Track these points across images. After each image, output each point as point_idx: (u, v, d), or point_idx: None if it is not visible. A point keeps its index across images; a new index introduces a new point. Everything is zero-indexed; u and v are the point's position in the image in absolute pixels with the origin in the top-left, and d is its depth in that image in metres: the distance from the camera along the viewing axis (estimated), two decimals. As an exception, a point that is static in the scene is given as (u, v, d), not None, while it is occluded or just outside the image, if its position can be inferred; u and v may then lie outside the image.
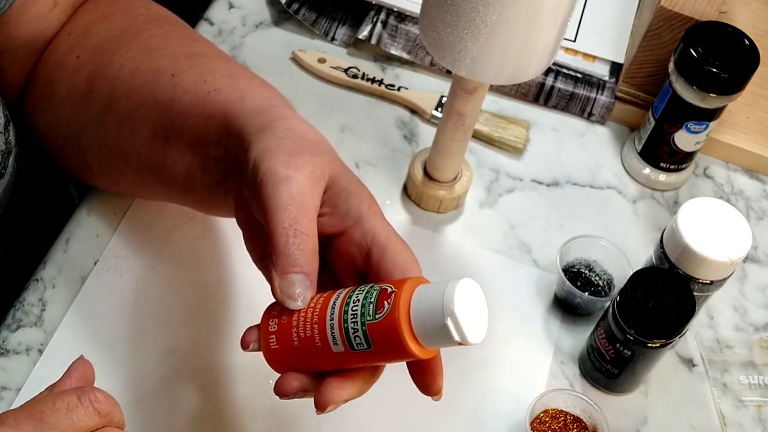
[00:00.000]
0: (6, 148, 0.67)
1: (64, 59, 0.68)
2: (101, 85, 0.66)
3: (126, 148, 0.66)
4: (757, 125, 0.89)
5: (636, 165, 0.86)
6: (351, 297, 0.50)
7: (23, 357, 0.69)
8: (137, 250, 0.75)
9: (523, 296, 0.78)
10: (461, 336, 0.48)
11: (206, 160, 0.62)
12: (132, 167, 0.67)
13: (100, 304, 0.72)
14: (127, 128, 0.65)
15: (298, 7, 0.91)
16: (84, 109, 0.67)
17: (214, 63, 0.65)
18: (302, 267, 0.52)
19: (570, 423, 0.69)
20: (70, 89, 0.67)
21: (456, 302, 0.47)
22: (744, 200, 0.88)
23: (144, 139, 0.65)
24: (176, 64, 0.64)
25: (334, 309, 0.51)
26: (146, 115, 0.64)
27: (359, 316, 0.50)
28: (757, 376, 0.76)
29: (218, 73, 0.63)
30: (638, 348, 0.68)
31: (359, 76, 0.88)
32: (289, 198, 0.52)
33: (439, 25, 0.63)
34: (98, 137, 0.67)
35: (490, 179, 0.85)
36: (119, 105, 0.65)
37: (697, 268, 0.69)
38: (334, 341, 0.51)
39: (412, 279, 0.51)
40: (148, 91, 0.64)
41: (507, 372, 0.74)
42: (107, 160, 0.69)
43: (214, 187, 0.63)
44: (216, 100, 0.61)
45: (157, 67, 0.64)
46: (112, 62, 0.66)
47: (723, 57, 0.77)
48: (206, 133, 0.61)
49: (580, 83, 0.90)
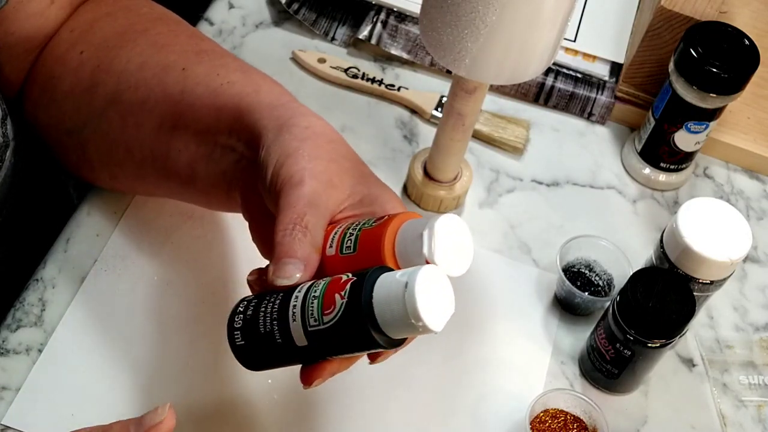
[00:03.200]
0: (3, 142, 0.67)
1: (67, 55, 0.68)
2: (107, 79, 0.66)
3: (129, 141, 0.67)
4: (757, 125, 0.89)
5: (636, 165, 0.86)
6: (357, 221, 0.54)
7: (23, 357, 0.69)
8: (136, 250, 0.75)
9: (523, 296, 0.78)
10: (430, 254, 0.50)
11: (212, 149, 0.63)
12: (133, 160, 0.68)
13: (99, 303, 0.72)
14: (132, 121, 0.66)
15: (298, 7, 0.91)
16: (87, 102, 0.67)
17: (226, 59, 0.66)
18: (296, 254, 0.52)
19: (570, 423, 0.69)
20: (73, 84, 0.68)
21: (436, 227, 0.50)
22: (744, 200, 0.88)
23: (150, 130, 0.65)
24: (186, 58, 0.65)
25: (337, 231, 0.54)
26: (153, 107, 0.65)
27: (359, 225, 0.53)
28: (757, 376, 0.76)
29: (231, 67, 0.64)
30: (638, 348, 0.68)
31: (359, 76, 0.88)
32: (296, 198, 0.53)
33: (439, 25, 0.63)
34: (100, 130, 0.68)
35: (490, 179, 0.85)
36: (125, 98, 0.66)
37: (697, 268, 0.69)
38: (329, 244, 0.53)
39: (410, 213, 0.55)
40: (157, 83, 0.64)
41: (507, 371, 0.74)
42: (108, 153, 0.69)
43: (218, 177, 0.63)
44: (229, 92, 0.61)
45: (166, 62, 0.65)
46: (119, 57, 0.66)
47: (723, 57, 0.77)
48: (217, 123, 0.62)
49: (580, 83, 0.90)
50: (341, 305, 0.49)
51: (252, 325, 0.52)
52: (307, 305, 0.50)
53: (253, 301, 0.54)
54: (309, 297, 0.50)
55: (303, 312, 0.50)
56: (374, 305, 0.48)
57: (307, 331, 0.50)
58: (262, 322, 0.52)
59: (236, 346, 0.54)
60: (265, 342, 0.52)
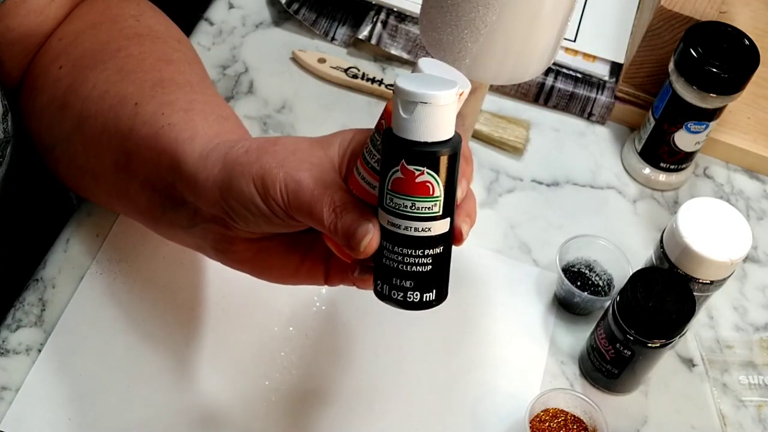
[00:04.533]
0: (4, 137, 0.67)
1: (50, 67, 0.68)
2: (74, 103, 0.66)
3: (94, 170, 0.66)
4: (757, 125, 0.89)
5: (636, 165, 0.86)
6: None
7: (23, 357, 0.69)
8: (131, 253, 0.74)
9: (522, 296, 0.78)
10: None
11: (165, 199, 0.61)
12: (101, 189, 0.67)
13: (97, 305, 0.72)
14: (93, 152, 0.65)
15: (298, 7, 0.91)
16: (58, 122, 0.67)
17: (178, 93, 0.64)
18: (349, 226, 0.51)
19: (570, 423, 0.69)
20: (50, 100, 0.67)
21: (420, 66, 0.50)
22: (744, 200, 0.88)
23: (108, 165, 0.64)
24: (141, 92, 0.63)
25: (357, 168, 0.53)
26: (108, 141, 0.64)
27: (366, 146, 0.52)
28: (757, 376, 0.76)
29: (177, 105, 0.62)
30: (638, 348, 0.68)
31: (359, 76, 0.88)
32: (308, 197, 0.52)
33: (439, 25, 0.63)
34: (69, 154, 0.67)
35: (490, 179, 0.85)
36: (87, 126, 0.65)
37: (697, 268, 0.69)
38: (363, 181, 0.52)
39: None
40: (112, 117, 0.63)
41: (506, 371, 0.74)
42: (77, 178, 0.69)
43: (184, 231, 0.62)
44: (168, 137, 0.60)
45: (124, 93, 0.64)
46: (87, 80, 0.66)
47: (723, 57, 0.77)
48: (159, 169, 0.60)
49: (580, 83, 0.90)
50: (419, 175, 0.48)
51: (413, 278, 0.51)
52: (409, 213, 0.49)
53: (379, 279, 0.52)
54: (401, 210, 0.49)
55: (412, 217, 0.49)
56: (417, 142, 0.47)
57: (435, 217, 0.49)
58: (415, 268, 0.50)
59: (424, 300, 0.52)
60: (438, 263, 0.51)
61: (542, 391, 0.69)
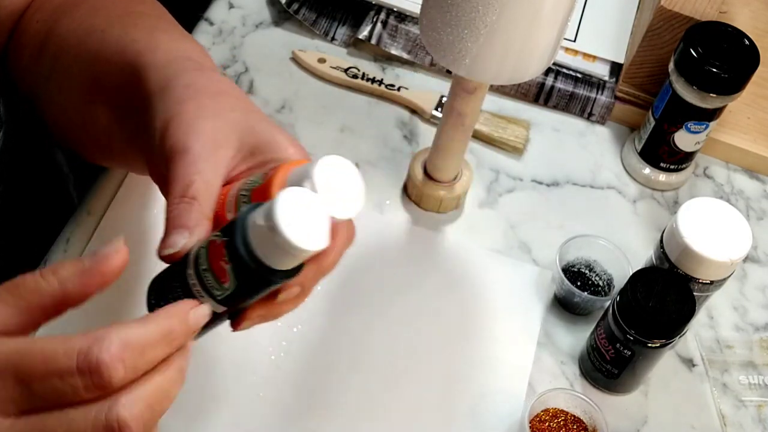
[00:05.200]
0: None
1: (29, 24, 0.69)
2: (50, 45, 0.66)
3: (69, 107, 0.66)
4: (757, 125, 0.89)
5: (636, 165, 0.86)
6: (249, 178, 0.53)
7: (23, 357, 0.69)
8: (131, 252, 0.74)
9: (522, 295, 0.78)
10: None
11: (123, 112, 0.61)
12: (77, 127, 0.67)
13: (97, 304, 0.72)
14: (66, 85, 0.65)
15: (298, 7, 0.91)
16: (38, 68, 0.67)
17: (145, 19, 0.64)
18: (184, 225, 0.50)
19: (569, 423, 0.69)
20: (31, 51, 0.68)
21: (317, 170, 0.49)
22: (744, 200, 0.88)
23: (79, 96, 0.64)
24: (109, 21, 0.64)
25: (233, 192, 0.53)
26: (79, 72, 0.64)
27: (250, 183, 0.52)
28: (757, 376, 0.76)
29: (143, 26, 0.63)
30: (638, 348, 0.68)
31: (359, 76, 0.88)
32: (183, 168, 0.51)
33: (439, 25, 0.63)
34: (49, 96, 0.67)
35: (490, 179, 0.85)
36: (60, 63, 0.65)
37: (697, 268, 0.69)
38: (228, 209, 0.53)
39: (295, 162, 0.53)
40: (81, 47, 0.64)
41: (506, 371, 0.74)
42: (60, 123, 0.69)
43: (130, 143, 0.61)
44: (132, 50, 0.60)
45: (92, 24, 0.64)
46: (61, 25, 0.66)
47: (723, 57, 0.77)
48: (123, 85, 0.60)
49: (580, 83, 0.90)
50: (231, 271, 0.48)
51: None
52: (205, 281, 0.49)
53: (153, 293, 0.53)
54: (201, 271, 0.49)
55: (205, 288, 0.49)
56: (258, 256, 0.47)
57: (218, 300, 0.49)
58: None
59: None
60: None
61: (542, 391, 0.69)
